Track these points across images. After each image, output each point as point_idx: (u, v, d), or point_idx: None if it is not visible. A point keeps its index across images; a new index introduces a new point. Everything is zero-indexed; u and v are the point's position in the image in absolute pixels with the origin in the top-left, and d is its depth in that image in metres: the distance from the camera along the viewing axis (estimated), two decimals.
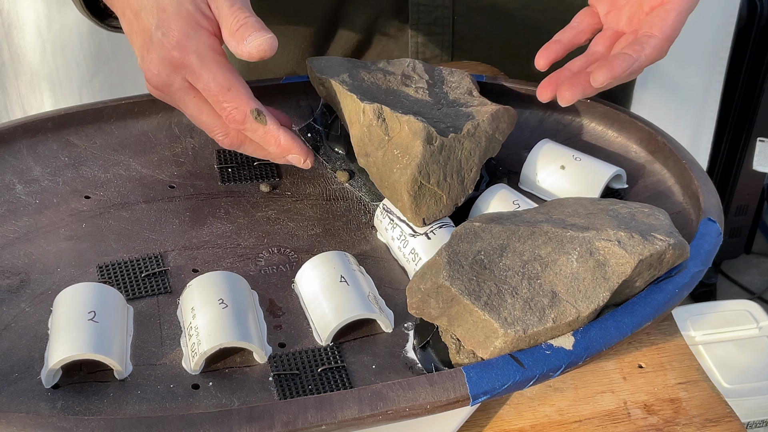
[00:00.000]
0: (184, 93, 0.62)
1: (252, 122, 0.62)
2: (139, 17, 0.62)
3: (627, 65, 0.63)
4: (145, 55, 0.62)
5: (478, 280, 0.53)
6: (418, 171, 0.63)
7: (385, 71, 0.73)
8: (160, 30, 0.61)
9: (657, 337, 0.61)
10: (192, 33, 0.60)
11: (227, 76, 0.61)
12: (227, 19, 0.61)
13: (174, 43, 0.60)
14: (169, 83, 0.62)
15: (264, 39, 0.60)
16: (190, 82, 0.62)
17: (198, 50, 0.60)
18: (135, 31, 0.63)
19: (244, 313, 0.57)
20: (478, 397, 0.50)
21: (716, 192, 0.64)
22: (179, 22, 0.60)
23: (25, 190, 0.68)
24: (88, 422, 0.47)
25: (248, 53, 0.60)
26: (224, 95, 0.61)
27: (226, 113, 0.61)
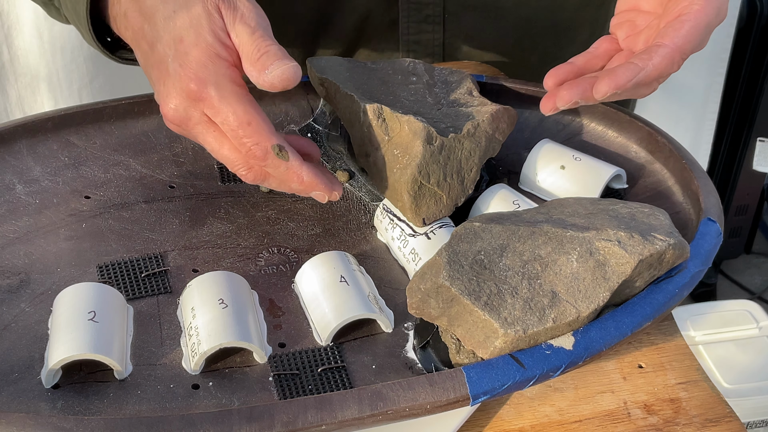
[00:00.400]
0: (204, 127, 0.59)
1: (273, 159, 0.58)
2: (154, 49, 0.59)
3: (631, 74, 0.60)
4: (161, 88, 0.59)
5: (478, 280, 0.53)
6: (418, 171, 0.63)
7: (385, 71, 0.73)
8: (177, 61, 0.57)
9: (657, 337, 0.61)
10: (210, 64, 0.57)
11: (247, 109, 0.57)
12: (248, 48, 0.58)
13: (191, 75, 0.57)
14: (187, 117, 0.59)
15: (287, 68, 0.57)
16: (208, 116, 0.58)
17: (217, 82, 0.57)
18: (151, 64, 0.60)
19: (244, 313, 0.57)
20: (478, 397, 0.50)
21: (716, 192, 0.64)
22: (197, 53, 0.57)
23: (25, 190, 0.68)
24: (88, 422, 0.47)
25: (270, 83, 0.58)
26: (244, 130, 0.57)
27: (246, 149, 0.58)
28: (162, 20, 0.58)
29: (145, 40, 0.60)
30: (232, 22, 0.59)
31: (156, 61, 0.59)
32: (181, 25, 0.58)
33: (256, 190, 0.71)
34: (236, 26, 0.58)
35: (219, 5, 0.58)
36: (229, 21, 0.59)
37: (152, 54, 0.59)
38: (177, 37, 0.58)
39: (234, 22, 0.58)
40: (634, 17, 0.68)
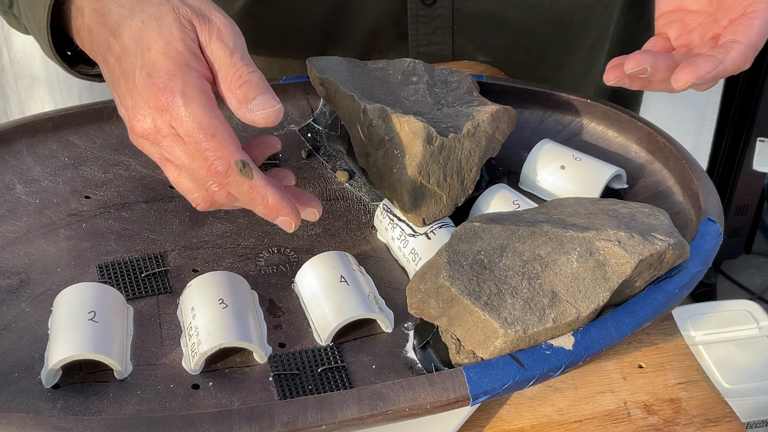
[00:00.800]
0: (173, 140, 0.55)
1: (236, 175, 0.54)
2: (121, 61, 0.56)
3: (712, 66, 0.58)
4: (129, 101, 0.55)
5: (478, 280, 0.53)
6: (418, 171, 0.63)
7: (385, 71, 0.73)
8: (145, 70, 0.54)
9: (657, 337, 0.61)
10: (179, 74, 0.54)
11: (213, 122, 0.54)
12: (226, 71, 0.55)
13: (160, 85, 0.54)
14: (156, 129, 0.55)
15: (272, 111, 0.55)
16: (175, 129, 0.55)
17: (184, 91, 0.54)
18: (117, 77, 0.56)
19: (244, 313, 0.57)
20: (478, 397, 0.50)
21: (716, 192, 0.64)
22: (166, 62, 0.54)
23: (25, 190, 0.68)
24: (88, 422, 0.47)
25: (251, 120, 0.55)
26: (208, 142, 0.53)
27: (209, 163, 0.54)
28: (129, 31, 0.56)
29: (111, 54, 0.57)
30: (207, 39, 0.56)
31: (122, 74, 0.56)
32: (149, 34, 0.55)
33: None
34: (212, 43, 0.56)
35: (191, 18, 0.56)
36: (203, 36, 0.56)
37: (119, 67, 0.56)
38: (145, 47, 0.55)
39: (210, 39, 0.56)
40: (682, 17, 0.68)
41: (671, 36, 0.68)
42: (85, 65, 0.66)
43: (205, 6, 0.57)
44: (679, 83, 0.59)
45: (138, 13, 0.56)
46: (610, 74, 0.64)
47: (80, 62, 0.66)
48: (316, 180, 0.73)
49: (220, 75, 0.56)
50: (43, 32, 0.61)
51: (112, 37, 0.56)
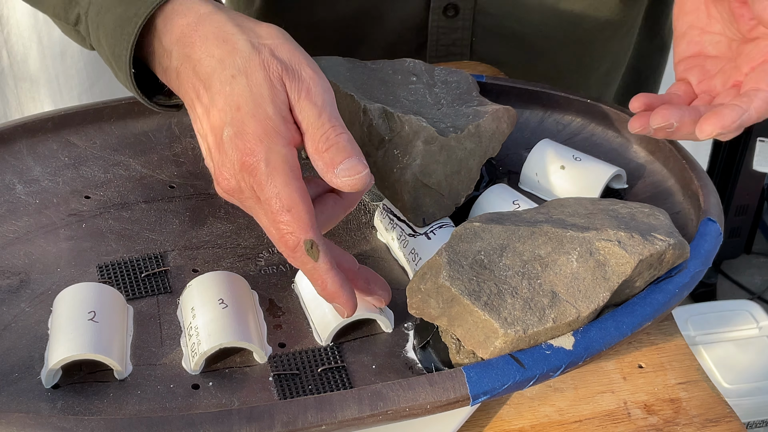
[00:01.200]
0: (254, 202, 0.54)
1: (302, 253, 0.53)
2: (210, 114, 0.55)
3: (737, 116, 0.59)
4: (216, 155, 0.55)
5: (478, 280, 0.53)
6: (418, 171, 0.63)
7: (385, 71, 0.73)
8: (233, 129, 0.53)
9: (657, 337, 0.61)
10: (266, 139, 0.53)
11: (292, 195, 0.53)
12: (314, 132, 0.54)
13: (247, 147, 0.53)
14: (239, 189, 0.54)
15: (360, 177, 0.53)
16: (256, 192, 0.54)
17: (268, 159, 0.52)
18: (206, 129, 0.55)
19: (244, 313, 0.57)
20: (478, 397, 0.50)
21: (716, 192, 0.64)
22: (254, 125, 0.53)
23: (25, 190, 0.68)
24: (88, 422, 0.47)
25: (338, 185, 0.54)
26: (283, 215, 0.53)
27: (280, 234, 0.53)
28: (219, 84, 0.54)
29: (201, 104, 0.56)
30: (296, 97, 0.54)
31: (210, 127, 0.55)
32: (239, 92, 0.53)
33: None
34: (301, 102, 0.54)
35: (282, 75, 0.54)
36: (293, 95, 0.54)
37: (207, 119, 0.55)
38: (234, 105, 0.53)
39: (299, 98, 0.54)
40: (702, 62, 0.68)
41: (692, 82, 0.68)
42: (162, 96, 0.64)
43: (295, 59, 0.55)
44: (704, 134, 0.59)
45: (229, 67, 0.54)
46: (636, 123, 0.64)
47: (156, 92, 0.64)
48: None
49: (307, 135, 0.54)
50: (124, 68, 0.59)
51: (202, 87, 0.55)
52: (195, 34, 0.56)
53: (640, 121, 0.64)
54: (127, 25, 0.57)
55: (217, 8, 0.57)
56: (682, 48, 0.69)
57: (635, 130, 0.64)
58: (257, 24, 0.56)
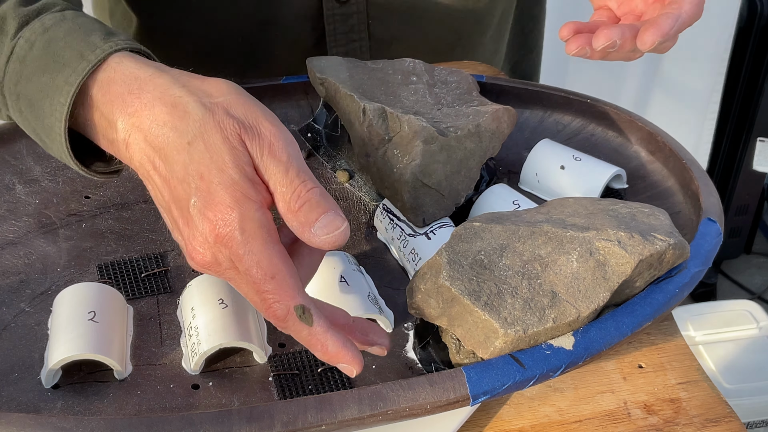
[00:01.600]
0: (235, 273, 0.51)
1: (295, 321, 0.50)
2: (170, 185, 0.51)
3: (673, 21, 0.62)
4: (184, 229, 0.51)
5: (478, 280, 0.53)
6: (418, 171, 0.63)
7: (385, 71, 0.73)
8: (201, 202, 0.50)
9: (657, 337, 0.61)
10: (237, 206, 0.49)
11: (273, 261, 0.50)
12: (283, 191, 0.51)
13: (218, 218, 0.49)
14: (216, 262, 0.51)
15: (338, 234, 0.50)
16: (234, 263, 0.51)
17: (243, 227, 0.49)
18: (167, 200, 0.52)
19: (244, 313, 0.57)
20: (478, 397, 0.50)
21: (716, 192, 0.64)
22: (222, 193, 0.49)
23: (25, 190, 0.68)
24: (88, 422, 0.47)
25: (317, 245, 0.51)
26: (267, 284, 0.50)
27: (267, 305, 0.50)
28: (175, 153, 0.51)
29: (158, 174, 0.52)
30: (259, 155, 0.51)
31: (173, 199, 0.52)
32: (199, 159, 0.50)
33: None
34: (265, 160, 0.51)
35: (241, 134, 0.51)
36: (255, 153, 0.51)
37: (168, 190, 0.52)
38: (196, 174, 0.50)
39: (262, 155, 0.51)
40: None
41: (612, 7, 0.71)
42: (101, 163, 0.59)
43: (252, 114, 0.52)
44: (646, 44, 0.62)
45: (183, 133, 0.51)
46: (573, 45, 0.65)
47: (89, 156, 0.59)
48: None
49: (276, 194, 0.51)
50: (58, 139, 0.55)
51: (157, 157, 0.52)
52: (139, 102, 0.52)
53: (576, 42, 0.65)
54: (56, 95, 0.54)
55: (158, 70, 0.53)
56: None
57: (573, 52, 0.65)
58: (203, 81, 0.53)
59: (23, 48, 0.55)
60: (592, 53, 0.65)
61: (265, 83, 0.77)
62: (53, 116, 0.54)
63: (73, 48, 0.54)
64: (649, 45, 0.62)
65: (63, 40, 0.55)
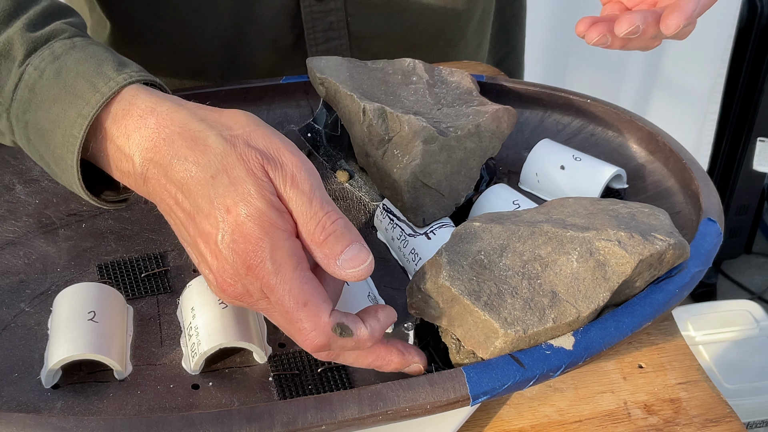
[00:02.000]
0: (267, 304, 0.51)
1: (337, 340, 0.50)
2: (195, 220, 0.51)
3: (695, 4, 0.61)
4: (213, 262, 0.51)
5: (478, 280, 0.53)
6: (418, 171, 0.63)
7: (385, 71, 0.73)
8: (228, 235, 0.49)
9: (657, 337, 0.61)
10: (266, 236, 0.49)
11: (304, 288, 0.50)
12: (306, 221, 0.51)
13: (248, 250, 0.49)
14: (248, 293, 0.51)
15: (363, 268, 0.50)
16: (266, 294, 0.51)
17: (273, 257, 0.49)
18: (192, 235, 0.52)
19: (244, 313, 0.57)
20: (478, 397, 0.50)
21: (716, 192, 0.64)
22: (250, 225, 0.49)
23: (25, 190, 0.68)
24: (88, 422, 0.47)
25: (342, 277, 0.51)
26: (300, 311, 0.50)
27: (303, 336, 0.50)
28: (199, 188, 0.50)
29: (181, 209, 0.52)
30: (282, 186, 0.51)
31: (199, 233, 0.51)
32: (223, 193, 0.50)
33: None
34: (288, 190, 0.51)
35: (264, 165, 0.51)
36: (278, 183, 0.51)
37: (193, 225, 0.51)
38: (222, 208, 0.50)
39: (284, 186, 0.51)
40: None
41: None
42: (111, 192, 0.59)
43: (273, 145, 0.52)
44: (670, 28, 0.61)
45: (205, 167, 0.50)
46: (593, 33, 0.65)
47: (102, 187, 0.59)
48: None
49: (300, 224, 0.51)
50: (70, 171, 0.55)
51: (179, 193, 0.51)
52: (158, 137, 0.52)
53: (597, 30, 0.64)
54: (69, 127, 0.53)
55: (174, 104, 0.53)
56: None
57: (593, 41, 0.64)
58: (221, 113, 0.53)
59: (32, 76, 0.55)
60: (613, 41, 0.64)
61: (265, 83, 0.77)
62: (65, 147, 0.54)
63: (85, 78, 0.54)
64: (674, 28, 0.61)
65: (74, 69, 0.54)
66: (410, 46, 0.89)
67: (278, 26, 0.86)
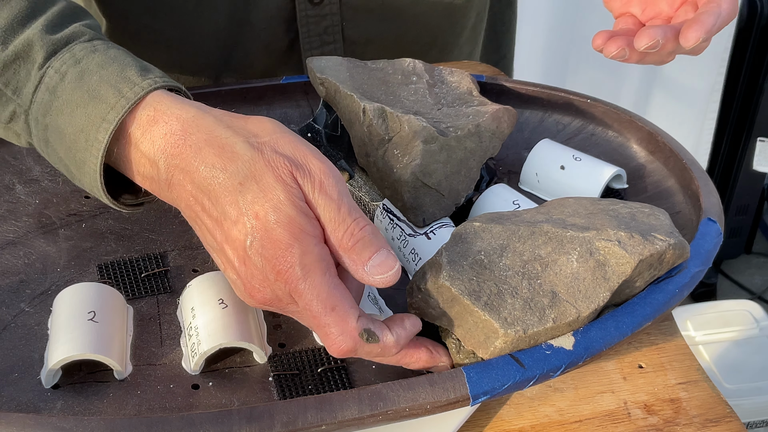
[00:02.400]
0: (296, 308, 0.52)
1: (364, 346, 0.51)
2: (223, 227, 0.51)
3: (714, 18, 0.62)
4: (241, 267, 0.51)
5: (478, 280, 0.53)
6: (418, 171, 0.63)
7: (385, 71, 0.73)
8: (257, 241, 0.50)
9: (657, 337, 0.61)
10: (296, 242, 0.49)
11: (332, 293, 0.50)
12: (334, 228, 0.51)
13: (278, 256, 0.49)
14: (278, 298, 0.51)
15: (391, 274, 0.51)
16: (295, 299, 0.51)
17: (302, 262, 0.49)
18: (218, 240, 0.52)
19: (244, 313, 0.57)
20: (478, 397, 0.50)
21: (716, 192, 0.64)
22: (280, 231, 0.49)
23: (25, 190, 0.68)
24: (88, 422, 0.47)
25: (369, 282, 0.51)
26: (327, 316, 0.50)
27: (331, 341, 0.50)
28: (228, 195, 0.50)
29: (207, 216, 0.52)
30: (311, 192, 0.51)
31: (226, 240, 0.51)
32: (252, 199, 0.50)
33: None
34: (316, 197, 0.51)
35: (293, 172, 0.51)
36: (307, 190, 0.51)
37: (220, 232, 0.51)
38: (252, 214, 0.50)
39: (313, 192, 0.51)
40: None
41: (636, 13, 0.70)
42: (129, 195, 0.59)
43: (300, 153, 0.52)
44: (689, 41, 0.62)
45: (233, 174, 0.50)
46: (612, 47, 0.65)
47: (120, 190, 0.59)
48: None
49: (328, 230, 0.51)
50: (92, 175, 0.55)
51: (206, 199, 0.52)
52: (184, 144, 0.52)
53: (616, 44, 0.65)
54: (93, 131, 0.53)
55: (200, 111, 0.53)
56: None
57: (611, 54, 0.65)
58: (247, 120, 0.53)
59: (53, 78, 0.55)
60: (630, 55, 0.65)
61: (265, 83, 0.77)
62: (88, 151, 0.54)
63: (108, 83, 0.54)
64: (693, 42, 0.62)
65: (97, 73, 0.54)
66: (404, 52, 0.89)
67: (273, 29, 0.86)
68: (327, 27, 0.86)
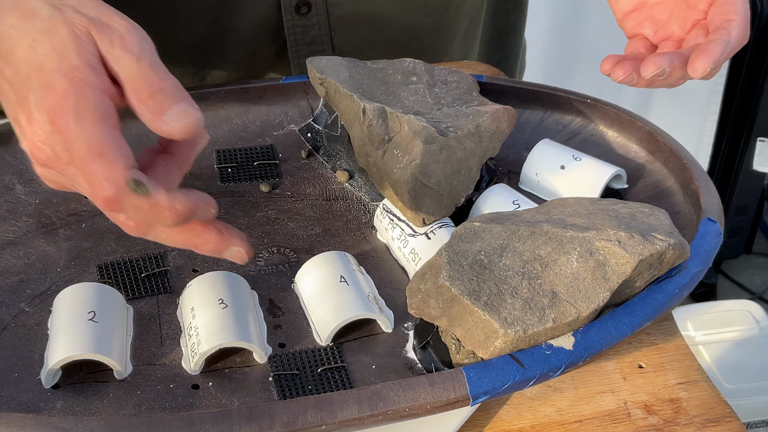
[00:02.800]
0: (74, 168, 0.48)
1: (131, 196, 0.47)
2: (15, 87, 0.49)
3: (723, 47, 0.60)
4: (27, 128, 0.48)
5: (478, 280, 0.53)
6: (418, 171, 0.63)
7: (385, 71, 0.73)
8: (39, 92, 0.47)
9: (657, 337, 0.61)
10: (73, 91, 0.47)
11: (104, 140, 0.47)
12: (134, 82, 0.49)
13: (54, 105, 0.47)
14: (56, 156, 0.48)
15: (190, 121, 0.49)
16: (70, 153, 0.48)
17: (77, 109, 0.47)
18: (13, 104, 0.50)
19: (244, 313, 0.57)
20: (478, 397, 0.50)
21: (716, 192, 0.64)
22: (60, 80, 0.47)
23: (25, 190, 0.68)
24: (88, 422, 0.47)
25: (168, 133, 0.49)
26: (95, 162, 0.47)
27: (95, 187, 0.47)
28: (21, 52, 0.49)
29: (5, 80, 0.50)
30: (109, 47, 0.49)
31: (17, 101, 0.49)
32: (42, 52, 0.48)
33: (256, 190, 0.71)
34: (116, 51, 0.49)
35: (89, 28, 0.49)
36: (104, 46, 0.49)
37: (13, 93, 0.49)
38: (37, 66, 0.48)
39: (112, 47, 0.49)
40: (649, 13, 0.69)
41: (648, 34, 0.69)
42: None
43: (103, 13, 0.50)
44: (697, 72, 0.60)
45: (29, 31, 0.49)
46: (619, 72, 0.64)
47: None
48: (316, 180, 0.73)
49: (127, 86, 0.49)
50: None
51: (4, 62, 0.50)
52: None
53: (623, 69, 0.64)
54: None
55: None
56: (621, 4, 0.70)
57: (619, 78, 0.64)
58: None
59: None
60: (638, 80, 0.64)
61: (265, 83, 0.77)
62: None
63: None
64: (701, 72, 0.60)
65: None
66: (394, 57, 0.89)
67: (260, 38, 0.85)
68: (315, 36, 0.86)
